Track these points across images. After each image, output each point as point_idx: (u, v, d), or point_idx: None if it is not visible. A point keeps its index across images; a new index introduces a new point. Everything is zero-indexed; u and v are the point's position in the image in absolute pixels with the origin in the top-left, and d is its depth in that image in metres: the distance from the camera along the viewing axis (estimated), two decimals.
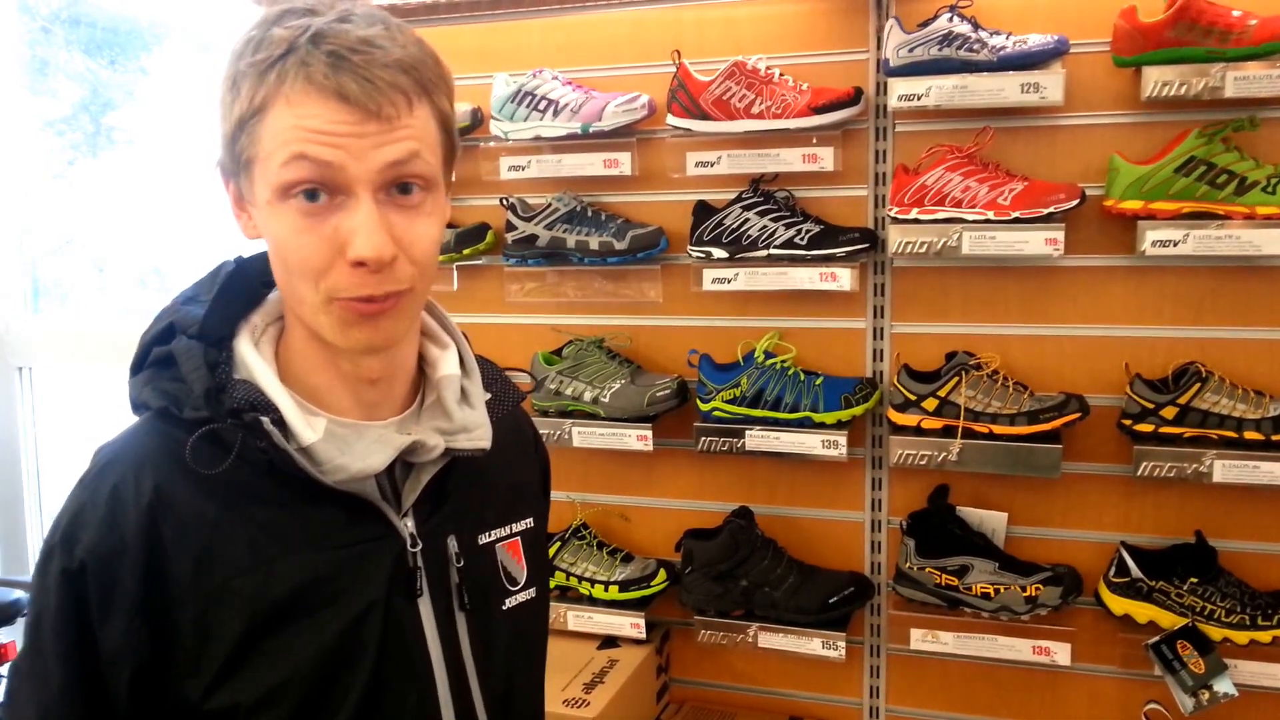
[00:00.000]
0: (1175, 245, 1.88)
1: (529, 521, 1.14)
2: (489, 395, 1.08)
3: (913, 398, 2.06)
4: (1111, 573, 2.02)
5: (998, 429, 2.00)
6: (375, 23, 0.88)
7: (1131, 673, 2.10)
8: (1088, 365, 2.07)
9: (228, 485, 0.91)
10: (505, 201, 2.33)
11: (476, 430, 1.03)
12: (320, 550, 0.94)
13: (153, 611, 0.89)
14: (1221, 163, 1.87)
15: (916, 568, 2.09)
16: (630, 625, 2.29)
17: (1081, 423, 1.97)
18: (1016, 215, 1.94)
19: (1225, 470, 1.89)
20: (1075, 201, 1.92)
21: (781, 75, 2.12)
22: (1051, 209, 1.92)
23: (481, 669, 1.03)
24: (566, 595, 2.35)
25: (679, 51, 2.15)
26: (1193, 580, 1.95)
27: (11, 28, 3.14)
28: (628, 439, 2.23)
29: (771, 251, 2.12)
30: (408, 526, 0.99)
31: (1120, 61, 1.90)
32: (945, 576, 2.06)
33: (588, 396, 2.26)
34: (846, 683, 2.32)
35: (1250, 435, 1.89)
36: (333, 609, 0.93)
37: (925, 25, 1.97)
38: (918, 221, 2.00)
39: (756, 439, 2.15)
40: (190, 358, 0.94)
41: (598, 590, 2.29)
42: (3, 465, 3.17)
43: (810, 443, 2.12)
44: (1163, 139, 1.95)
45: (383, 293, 0.89)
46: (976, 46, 1.94)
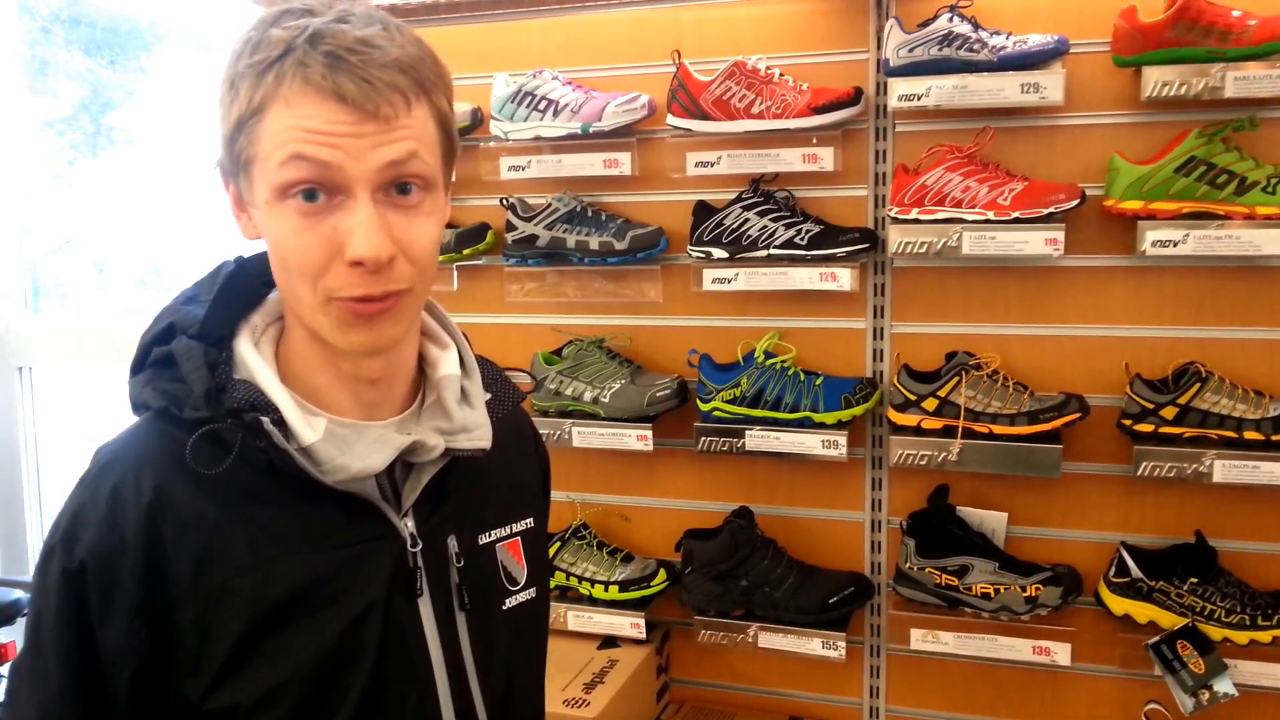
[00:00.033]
0: (1175, 245, 1.88)
1: (529, 521, 1.15)
2: (489, 395, 1.08)
3: (913, 398, 2.06)
4: (1111, 573, 2.02)
5: (998, 429, 2.00)
6: (373, 23, 0.88)
7: (1131, 673, 2.10)
8: (1088, 365, 2.07)
9: (228, 485, 0.92)
10: (505, 201, 2.33)
11: (476, 430, 1.03)
12: (320, 550, 0.94)
13: (153, 611, 0.89)
14: (1221, 163, 1.87)
15: (916, 568, 2.09)
16: (630, 625, 2.29)
17: (1081, 423, 1.97)
18: (1016, 215, 1.94)
19: (1225, 470, 1.89)
20: (1075, 201, 1.92)
21: (781, 75, 2.12)
22: (1051, 209, 1.92)
23: (481, 669, 1.03)
24: (566, 595, 2.35)
25: (679, 51, 2.15)
26: (1193, 580, 1.95)
27: (11, 28, 3.14)
28: (628, 439, 2.23)
29: (771, 251, 2.12)
30: (408, 526, 0.99)
31: (1120, 61, 1.90)
32: (945, 576, 2.06)
33: (588, 396, 2.26)
34: (846, 683, 2.32)
35: (1250, 435, 1.89)
36: (333, 609, 0.93)
37: (925, 25, 1.97)
38: (918, 221, 2.00)
39: (756, 439, 2.15)
40: (190, 358, 0.94)
41: (598, 590, 2.29)
42: (3, 465, 3.17)
43: (810, 443, 2.12)
44: (1163, 139, 1.95)
45: (381, 292, 0.89)
46: (976, 46, 1.94)
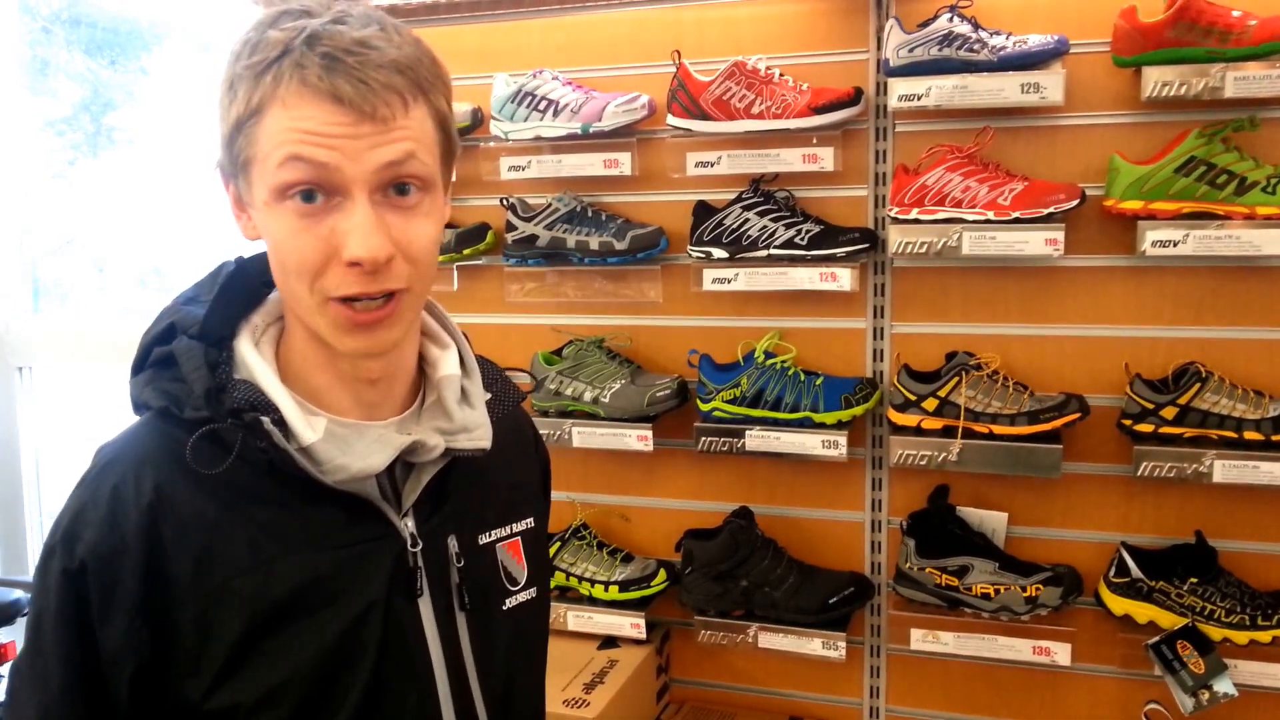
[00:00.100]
0: (1175, 245, 1.88)
1: (529, 521, 1.15)
2: (489, 395, 1.08)
3: (913, 398, 2.06)
4: (1111, 573, 2.02)
5: (998, 429, 2.00)
6: (371, 23, 0.88)
7: (1131, 673, 2.10)
8: (1088, 365, 2.07)
9: (228, 485, 0.92)
10: (505, 201, 2.33)
11: (477, 430, 1.03)
12: (320, 550, 0.94)
13: (153, 611, 0.89)
14: (1221, 163, 1.87)
15: (916, 568, 2.09)
16: (630, 625, 2.28)
17: (1081, 423, 1.97)
18: (1016, 215, 1.94)
19: (1225, 470, 1.89)
20: (1075, 201, 1.92)
21: (781, 75, 2.12)
22: (1051, 209, 1.92)
23: (482, 669, 1.03)
24: (566, 595, 2.35)
25: (679, 51, 2.15)
26: (1193, 580, 1.95)
27: (12, 28, 3.14)
28: (628, 439, 2.23)
29: (771, 251, 2.12)
30: (408, 526, 0.99)
31: (1120, 61, 1.90)
32: (945, 577, 2.06)
33: (588, 396, 2.26)
34: (846, 683, 2.32)
35: (1250, 435, 1.89)
36: (333, 609, 0.93)
37: (925, 25, 1.97)
38: (918, 221, 2.00)
39: (756, 439, 2.15)
40: (191, 358, 0.94)
41: (598, 590, 2.29)
42: (3, 465, 3.17)
43: (810, 443, 2.12)
44: (1163, 139, 1.95)
45: (378, 290, 0.89)
46: (976, 46, 1.94)
